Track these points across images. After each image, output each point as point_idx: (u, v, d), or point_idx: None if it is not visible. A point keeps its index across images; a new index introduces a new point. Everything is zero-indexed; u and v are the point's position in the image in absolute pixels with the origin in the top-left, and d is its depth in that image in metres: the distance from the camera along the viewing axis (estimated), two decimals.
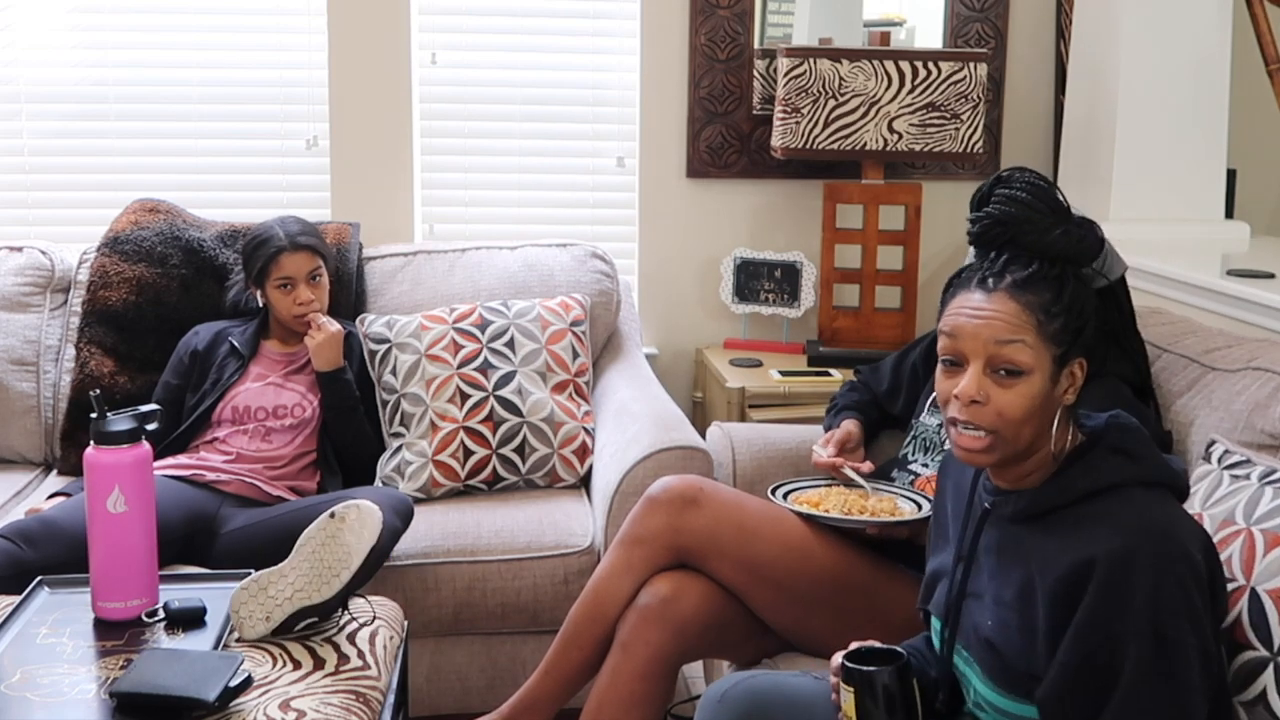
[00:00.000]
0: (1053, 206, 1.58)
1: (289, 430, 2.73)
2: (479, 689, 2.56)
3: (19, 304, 3.06)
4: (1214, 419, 1.99)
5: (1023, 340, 1.50)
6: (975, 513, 1.63)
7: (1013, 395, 1.50)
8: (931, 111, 3.17)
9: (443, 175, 3.52)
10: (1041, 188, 1.59)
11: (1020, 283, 1.52)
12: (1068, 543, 1.47)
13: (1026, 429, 1.51)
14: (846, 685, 1.55)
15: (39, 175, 3.42)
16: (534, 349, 2.88)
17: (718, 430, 2.61)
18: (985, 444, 1.52)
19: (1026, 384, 1.50)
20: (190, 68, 3.40)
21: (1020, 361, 1.50)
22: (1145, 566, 1.41)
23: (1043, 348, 1.51)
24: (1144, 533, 1.43)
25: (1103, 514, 1.47)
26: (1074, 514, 1.50)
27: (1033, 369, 1.50)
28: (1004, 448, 1.52)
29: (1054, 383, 1.52)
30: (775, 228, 3.56)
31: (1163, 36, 3.15)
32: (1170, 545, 1.42)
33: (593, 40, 3.50)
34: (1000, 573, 1.55)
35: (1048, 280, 1.53)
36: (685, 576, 2.08)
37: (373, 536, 1.92)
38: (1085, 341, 1.54)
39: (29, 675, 1.80)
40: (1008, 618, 1.52)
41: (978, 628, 1.57)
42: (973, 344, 1.52)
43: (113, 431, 1.94)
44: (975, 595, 1.59)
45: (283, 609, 1.88)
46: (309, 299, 2.77)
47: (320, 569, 1.88)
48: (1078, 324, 1.53)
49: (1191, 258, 2.92)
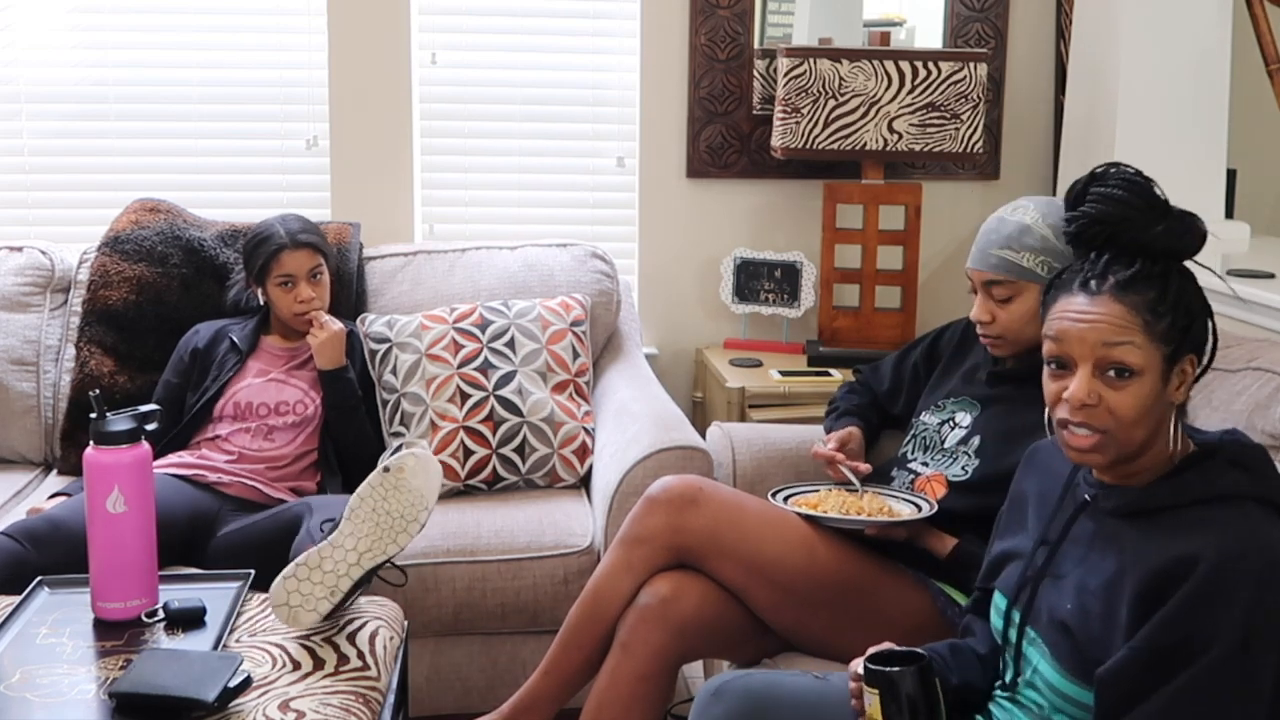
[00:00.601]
0: (1151, 202, 1.54)
1: (291, 428, 2.73)
2: (479, 689, 2.56)
3: (19, 304, 3.06)
4: (1214, 419, 1.99)
5: (1131, 341, 1.49)
6: (1071, 502, 1.62)
7: (1125, 396, 1.49)
8: (931, 111, 3.17)
9: (443, 175, 3.52)
10: (1139, 184, 1.55)
11: (1124, 283, 1.51)
12: (1171, 542, 1.45)
13: (1139, 429, 1.50)
14: (870, 688, 1.55)
15: (39, 175, 3.42)
16: (534, 349, 2.88)
17: (718, 430, 2.61)
18: (1096, 442, 1.51)
19: (1138, 384, 1.49)
20: (190, 68, 3.40)
21: (1130, 362, 1.49)
22: (1249, 578, 1.39)
23: (1152, 347, 1.49)
24: (1256, 545, 1.41)
25: (1214, 520, 1.45)
26: (1182, 517, 1.48)
27: (1144, 369, 1.49)
28: (1116, 447, 1.52)
29: (1164, 382, 1.50)
30: (775, 228, 3.56)
31: (1163, 36, 3.15)
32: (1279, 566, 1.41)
33: (593, 40, 3.50)
34: (1089, 561, 1.54)
35: (1151, 278, 1.51)
36: (685, 576, 2.08)
37: (438, 478, 1.93)
38: (1195, 338, 1.52)
39: (29, 675, 1.80)
40: (1090, 604, 1.51)
41: (1054, 610, 1.56)
42: (1080, 347, 1.51)
43: (112, 431, 1.94)
44: (1056, 578, 1.58)
45: (350, 576, 1.85)
46: (310, 297, 2.78)
47: (387, 521, 1.85)
48: (1185, 321, 1.50)
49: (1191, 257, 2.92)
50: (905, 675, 1.54)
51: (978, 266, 2.13)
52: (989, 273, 2.10)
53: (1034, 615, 1.60)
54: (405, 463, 1.92)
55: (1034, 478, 1.72)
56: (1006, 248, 2.09)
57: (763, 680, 1.77)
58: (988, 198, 3.59)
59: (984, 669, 1.71)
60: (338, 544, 1.88)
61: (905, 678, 1.54)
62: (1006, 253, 2.08)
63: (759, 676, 1.79)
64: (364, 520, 1.87)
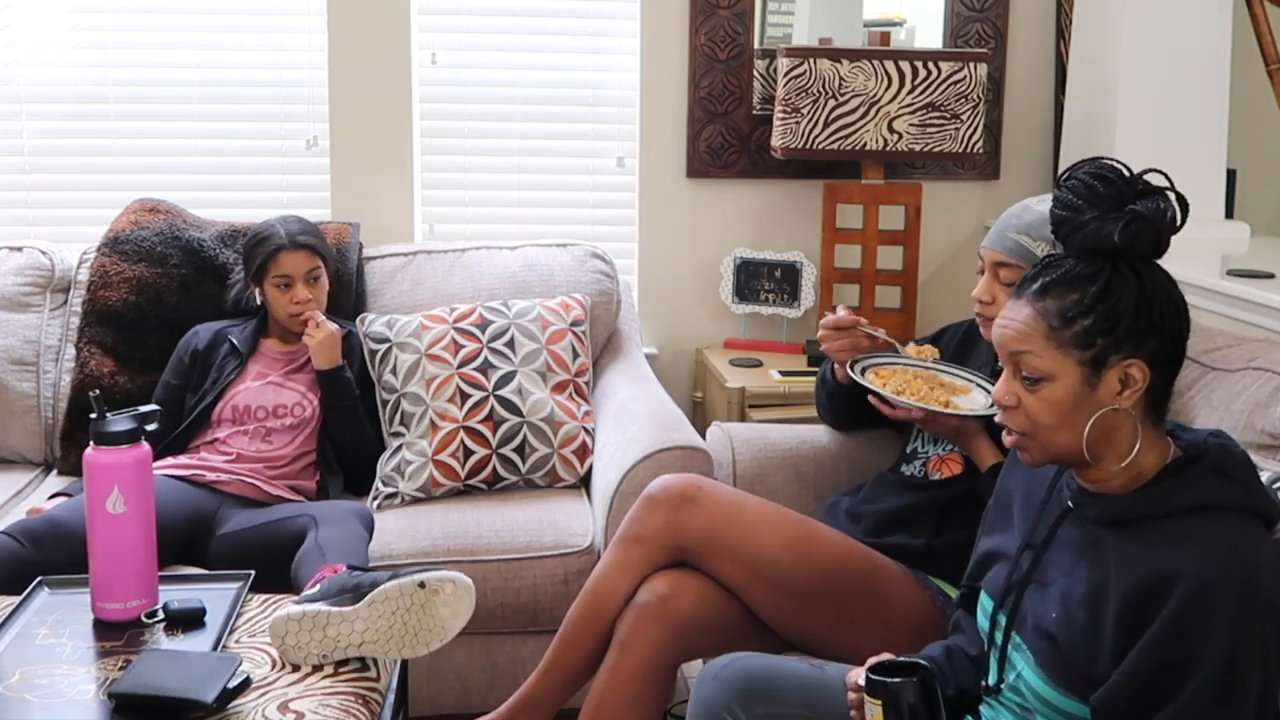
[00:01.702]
0: (1095, 199, 1.51)
1: (289, 430, 2.74)
2: (479, 689, 2.56)
3: (19, 304, 3.06)
4: (1214, 419, 1.99)
5: (1031, 350, 1.50)
6: (1056, 505, 1.61)
7: (1037, 400, 1.51)
8: (931, 111, 3.17)
9: (443, 175, 3.52)
10: (1084, 182, 1.53)
11: (1045, 286, 1.51)
12: (1153, 553, 1.45)
13: (1062, 434, 1.50)
14: (872, 699, 1.55)
15: (39, 175, 3.42)
16: (534, 349, 2.88)
17: (718, 430, 2.61)
18: (1017, 442, 1.55)
19: (1050, 389, 1.50)
20: (190, 68, 3.40)
21: (1036, 368, 1.50)
22: (1231, 595, 1.38)
23: (1059, 353, 1.49)
24: (1235, 561, 1.40)
25: (1194, 533, 1.44)
26: (1163, 527, 1.47)
27: (1053, 375, 1.49)
28: (1041, 450, 1.53)
29: (1090, 386, 1.49)
30: (775, 228, 3.56)
31: (1163, 36, 3.15)
32: (1260, 580, 1.40)
33: (593, 40, 3.50)
34: (1074, 570, 1.54)
35: (1076, 281, 1.49)
36: (684, 575, 2.08)
37: (468, 613, 1.89)
38: (1129, 340, 1.48)
39: (28, 676, 1.80)
40: (1075, 615, 1.51)
41: (1039, 618, 1.56)
42: (1001, 351, 1.55)
43: (112, 432, 1.93)
44: (1041, 585, 1.58)
45: (345, 652, 1.84)
46: (306, 298, 2.78)
47: (401, 631, 1.84)
48: (1107, 324, 1.47)
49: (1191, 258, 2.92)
50: (907, 686, 1.54)
51: (992, 246, 2.12)
52: (1002, 254, 2.10)
53: (1019, 621, 1.60)
54: (443, 587, 1.88)
55: (1020, 476, 1.72)
56: (1024, 234, 2.09)
57: (761, 663, 1.79)
58: (988, 198, 3.59)
59: (976, 672, 1.72)
60: (349, 618, 1.85)
61: (907, 689, 1.54)
62: (1023, 238, 2.08)
63: (756, 660, 1.80)
64: (381, 618, 1.84)
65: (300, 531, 2.39)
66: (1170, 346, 1.50)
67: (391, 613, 1.84)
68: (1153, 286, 1.50)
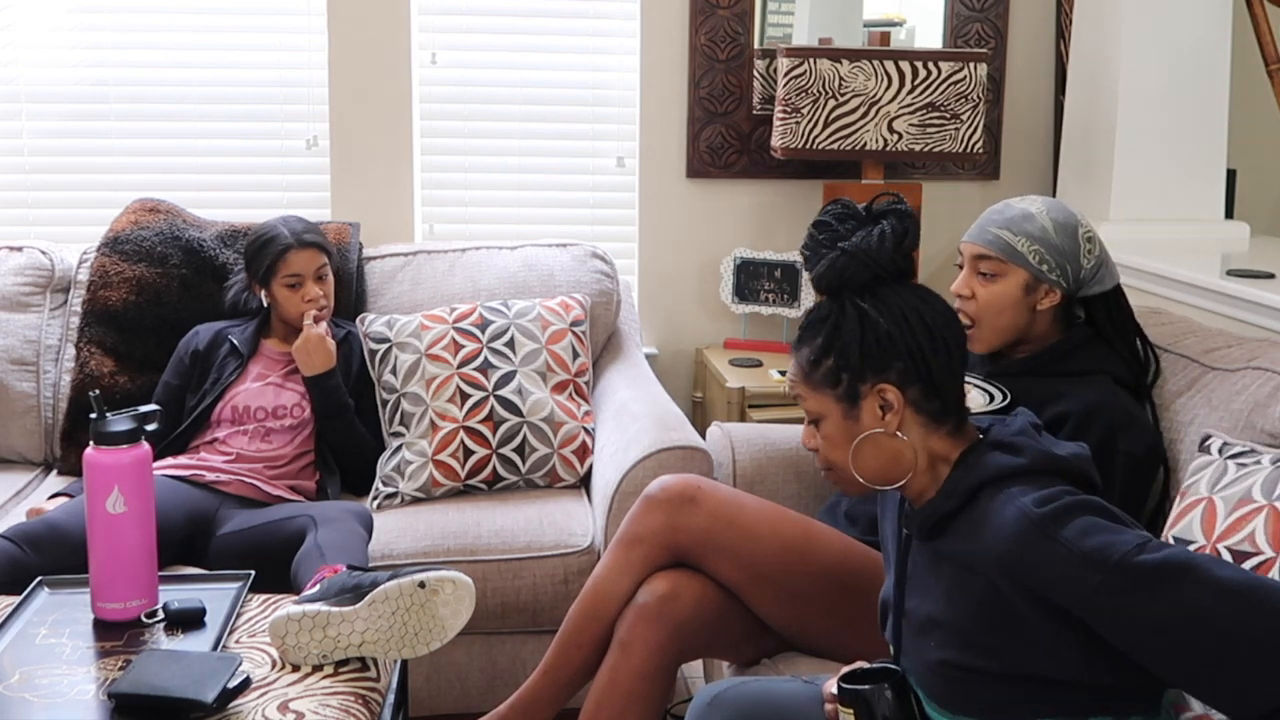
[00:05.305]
0: (817, 246, 1.61)
1: (288, 430, 2.74)
2: (479, 689, 2.56)
3: (19, 304, 3.06)
4: (1214, 418, 1.99)
5: (800, 394, 1.60)
6: (902, 537, 1.65)
7: (821, 438, 1.59)
8: (931, 111, 3.17)
9: (443, 175, 3.52)
10: (811, 232, 1.63)
11: (800, 335, 1.61)
12: (973, 544, 1.49)
13: (853, 464, 1.57)
14: (845, 708, 1.56)
15: (39, 175, 3.42)
16: (534, 349, 2.88)
17: (718, 430, 2.61)
18: (828, 477, 1.62)
19: (825, 427, 1.58)
20: (190, 68, 3.41)
21: (808, 410, 1.60)
22: (1036, 550, 1.42)
23: (818, 394, 1.57)
24: (1027, 525, 1.43)
25: (990, 513, 1.48)
26: (967, 515, 1.51)
27: (821, 414, 1.58)
28: (847, 484, 1.60)
29: (853, 419, 1.55)
30: (775, 228, 3.56)
31: (1163, 37, 3.15)
32: (1049, 525, 1.42)
33: (593, 40, 3.50)
34: (928, 592, 1.57)
35: (817, 323, 1.58)
36: (684, 575, 2.07)
37: (468, 613, 1.90)
38: (870, 368, 1.53)
39: (28, 676, 1.80)
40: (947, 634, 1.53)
41: (924, 654, 1.57)
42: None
43: (112, 432, 1.93)
44: (915, 624, 1.60)
45: (345, 652, 1.85)
46: (317, 295, 2.78)
47: (401, 631, 1.85)
48: (841, 359, 1.54)
49: (1191, 258, 2.92)
50: (879, 693, 1.55)
51: (972, 240, 2.13)
52: (982, 247, 2.10)
53: (912, 669, 1.61)
54: (443, 587, 1.88)
55: (887, 514, 1.75)
56: (1005, 228, 2.09)
57: (757, 689, 1.78)
58: (988, 198, 3.59)
59: None
60: (349, 618, 1.85)
61: (879, 695, 1.55)
62: (1004, 233, 2.09)
63: (753, 685, 1.79)
64: (381, 618, 1.85)
65: (300, 532, 2.39)
66: (914, 362, 1.54)
67: (391, 613, 1.84)
68: (877, 312, 1.54)
